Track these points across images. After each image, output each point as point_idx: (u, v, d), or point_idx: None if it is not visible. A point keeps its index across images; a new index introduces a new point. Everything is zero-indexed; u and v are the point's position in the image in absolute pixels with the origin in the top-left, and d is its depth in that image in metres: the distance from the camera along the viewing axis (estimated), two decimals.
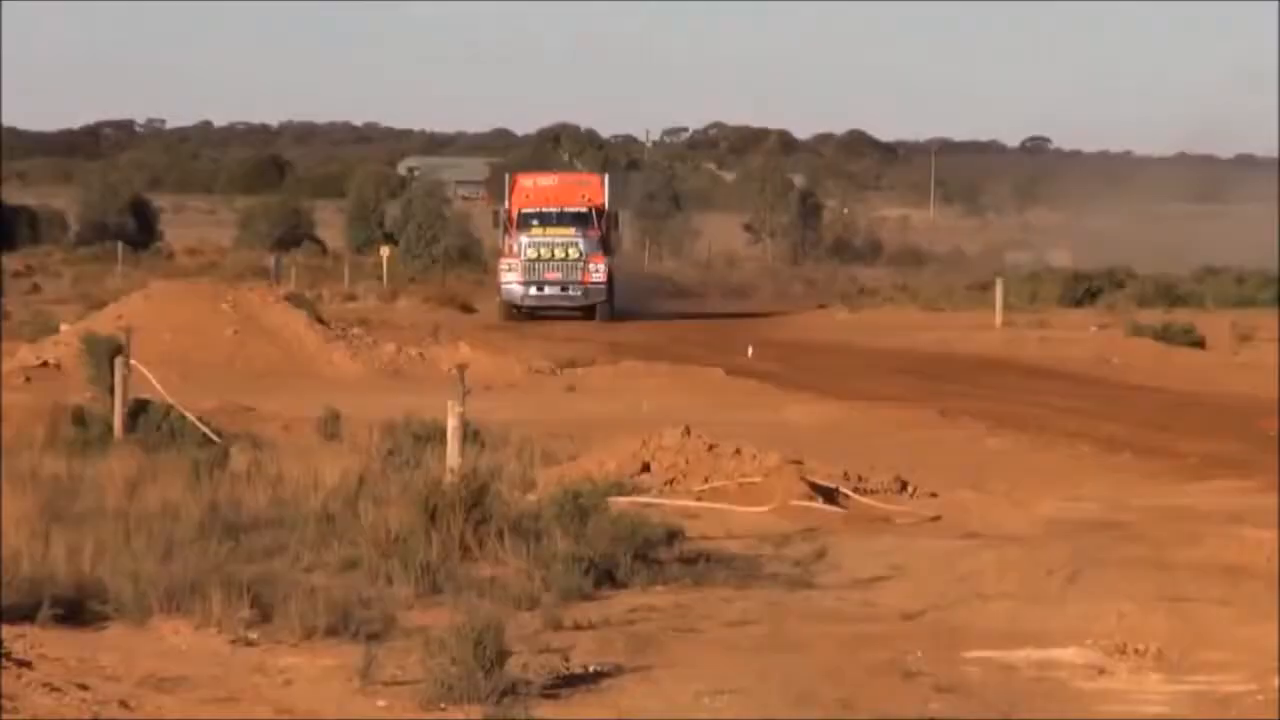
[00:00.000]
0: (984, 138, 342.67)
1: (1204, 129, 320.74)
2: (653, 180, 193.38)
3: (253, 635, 21.86)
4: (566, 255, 69.73)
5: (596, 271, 69.76)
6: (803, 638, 23.09)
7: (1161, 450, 42.52)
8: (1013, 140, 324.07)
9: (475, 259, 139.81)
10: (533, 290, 68.90)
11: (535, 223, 70.40)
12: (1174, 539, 29.78)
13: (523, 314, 69.47)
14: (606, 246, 73.99)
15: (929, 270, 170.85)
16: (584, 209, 71.76)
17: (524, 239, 70.49)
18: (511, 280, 70.44)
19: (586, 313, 69.47)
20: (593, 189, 75.36)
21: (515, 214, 72.51)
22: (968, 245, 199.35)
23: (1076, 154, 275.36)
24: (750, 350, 68.31)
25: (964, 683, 21.00)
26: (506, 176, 78.85)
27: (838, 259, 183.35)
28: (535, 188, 74.46)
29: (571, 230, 70.50)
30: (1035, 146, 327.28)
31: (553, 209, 71.42)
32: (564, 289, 69.07)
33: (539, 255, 69.60)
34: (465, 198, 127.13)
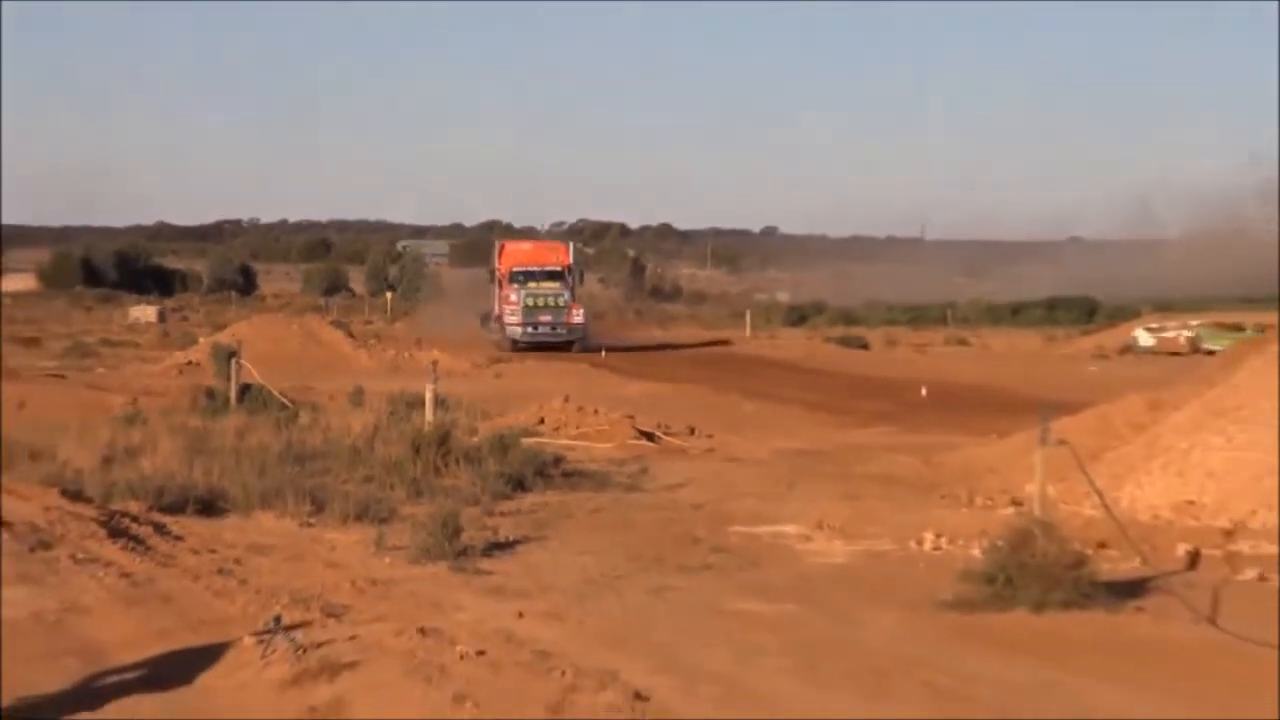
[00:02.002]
0: (738, 225, 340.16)
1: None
2: None
3: (312, 521, 22.16)
4: (554, 304, 65.97)
5: (576, 315, 66.90)
6: (633, 520, 23.41)
7: (844, 409, 42.98)
8: (755, 227, 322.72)
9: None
10: (529, 330, 64.98)
11: (525, 279, 66.28)
12: (852, 461, 30.40)
13: (520, 347, 64.77)
14: (574, 295, 70.35)
15: (708, 305, 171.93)
16: (559, 268, 68.45)
17: (522, 292, 65.44)
18: (513, 322, 65.27)
19: (567, 346, 65.41)
20: (561, 252, 71.32)
21: (507, 272, 67.45)
22: (731, 290, 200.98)
23: (795, 236, 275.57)
24: (603, 352, 67.43)
25: (728, 545, 21.28)
26: (495, 243, 73.56)
27: (654, 299, 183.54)
28: (520, 251, 70.74)
29: (557, 284, 66.79)
30: (768, 230, 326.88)
31: (536, 268, 67.75)
32: (553, 329, 65.57)
33: (534, 304, 65.61)
34: (435, 264, 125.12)
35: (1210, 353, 46.40)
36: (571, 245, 70.02)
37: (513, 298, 64.51)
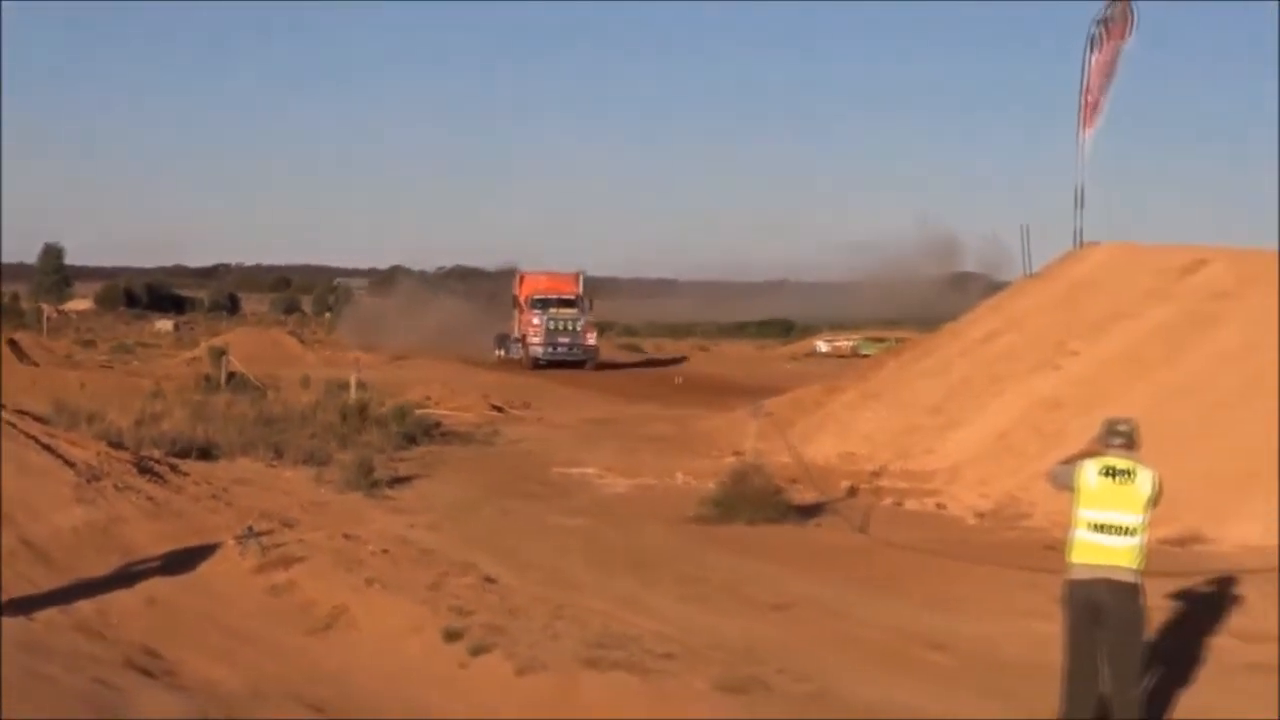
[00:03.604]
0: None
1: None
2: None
3: (274, 463, 21.98)
4: (571, 328, 56.40)
5: (590, 338, 57.28)
6: (487, 464, 23.43)
7: (626, 392, 42.59)
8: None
9: None
10: (549, 350, 55.46)
11: (545, 305, 56.78)
12: (631, 426, 30.32)
13: (541, 365, 54.69)
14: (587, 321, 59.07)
15: None
16: (572, 296, 58.70)
17: (544, 317, 56.23)
18: (536, 344, 55.75)
19: (581, 364, 55.04)
20: (573, 281, 60.68)
21: (526, 298, 57.65)
22: None
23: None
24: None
25: (550, 481, 21.38)
26: (516, 273, 62.29)
27: None
28: (538, 280, 59.97)
29: (574, 311, 57.40)
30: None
31: (553, 295, 57.88)
32: (570, 349, 55.76)
33: (555, 328, 56.03)
34: (359, 294, 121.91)
35: (865, 356, 47.10)
36: (581, 276, 60.32)
37: (535, 322, 55.54)
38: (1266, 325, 19.80)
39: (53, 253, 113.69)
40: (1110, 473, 8.70)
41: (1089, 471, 8.76)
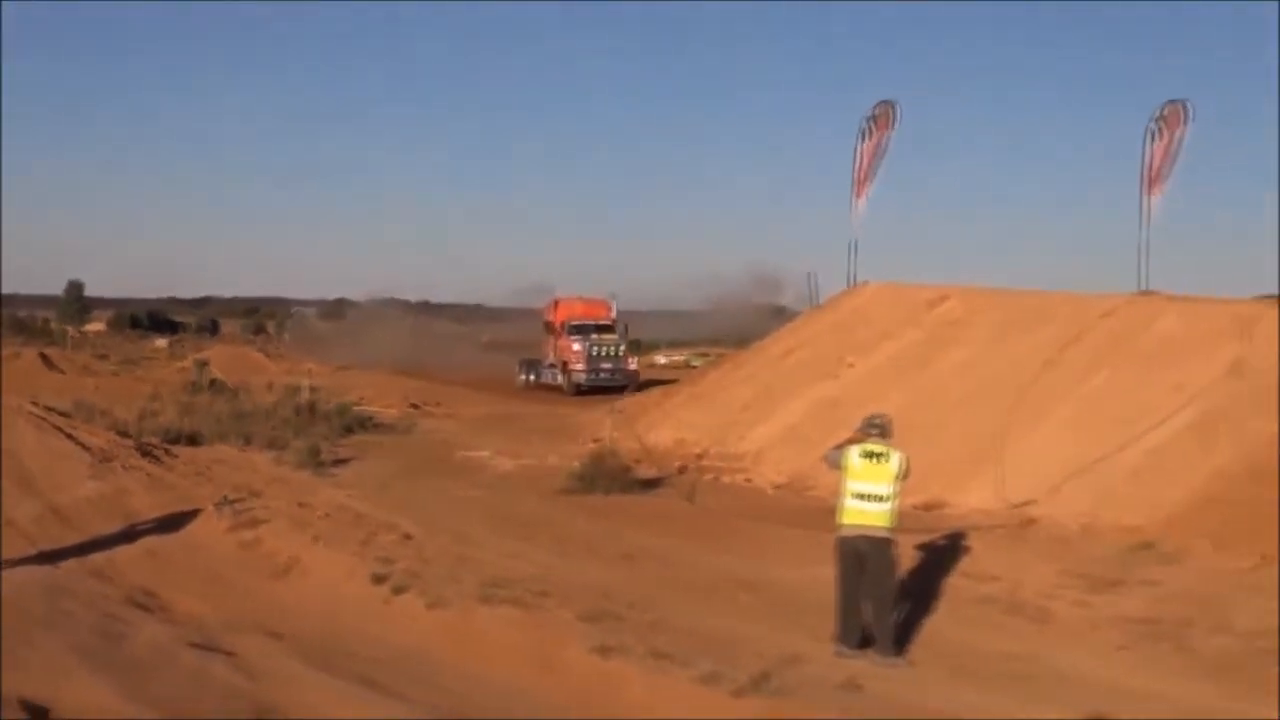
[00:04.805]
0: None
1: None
2: None
3: (244, 448, 21.41)
4: (612, 353, 44.10)
5: (631, 364, 44.84)
6: (407, 449, 23.03)
7: (515, 394, 41.90)
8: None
9: None
10: (592, 376, 43.17)
11: (584, 331, 44.64)
12: (515, 420, 29.74)
13: (584, 390, 42.11)
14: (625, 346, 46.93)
15: None
16: (608, 321, 46.39)
17: (586, 343, 43.95)
18: (579, 369, 43.47)
19: (621, 389, 39.02)
20: (608, 307, 47.66)
21: (563, 323, 45.38)
22: None
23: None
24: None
25: (454, 461, 21.14)
26: (553, 298, 49.05)
27: None
28: (574, 306, 47.27)
29: (614, 336, 45.15)
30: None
31: (590, 321, 45.59)
32: (612, 374, 42.91)
33: (598, 354, 43.68)
34: (311, 318, 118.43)
35: (694, 368, 46.63)
36: (614, 301, 48.02)
37: (576, 347, 43.90)
38: (988, 345, 20.16)
39: (75, 287, 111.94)
40: (869, 455, 8.98)
41: (853, 454, 9.01)
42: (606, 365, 43.43)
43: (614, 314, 46.83)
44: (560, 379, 44.22)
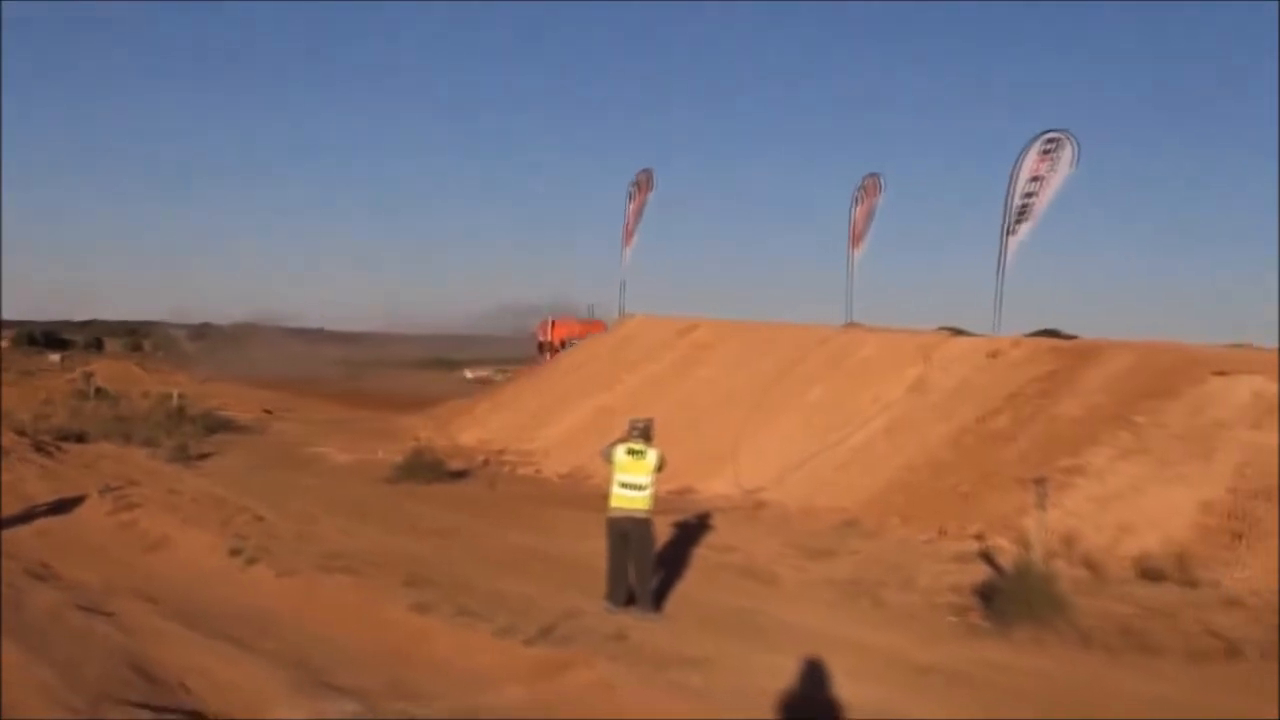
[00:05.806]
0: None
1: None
2: None
3: (124, 445, 20.28)
4: None
5: None
6: (261, 447, 22.11)
7: (354, 404, 40.33)
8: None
9: None
10: None
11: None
12: (357, 423, 28.34)
13: None
14: None
15: None
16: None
17: None
18: None
19: None
20: (602, 326, 35.97)
21: (559, 342, 37.14)
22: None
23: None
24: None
25: (302, 456, 20.40)
26: (549, 318, 41.83)
27: None
28: (569, 325, 39.59)
29: None
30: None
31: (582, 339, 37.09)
32: None
33: None
34: (185, 339, 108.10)
35: (496, 381, 45.70)
36: (606, 322, 36.95)
37: None
38: (730, 365, 20.20)
39: None
40: (632, 451, 9.06)
41: (619, 451, 9.08)
42: None
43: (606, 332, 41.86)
44: None
